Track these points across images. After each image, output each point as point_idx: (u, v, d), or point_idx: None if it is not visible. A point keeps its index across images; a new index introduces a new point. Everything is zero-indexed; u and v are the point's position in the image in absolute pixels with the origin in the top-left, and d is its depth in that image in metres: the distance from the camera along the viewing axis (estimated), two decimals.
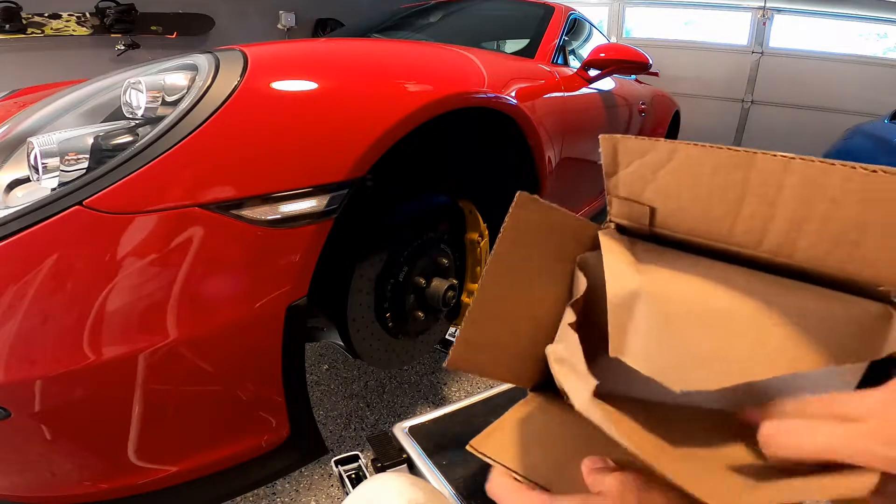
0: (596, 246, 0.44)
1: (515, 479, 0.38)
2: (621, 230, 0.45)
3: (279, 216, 0.62)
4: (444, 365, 0.45)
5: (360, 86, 0.74)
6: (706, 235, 0.37)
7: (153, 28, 3.15)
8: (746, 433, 0.31)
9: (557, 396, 0.46)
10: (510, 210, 0.41)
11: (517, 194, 0.41)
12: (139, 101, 0.63)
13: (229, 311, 0.61)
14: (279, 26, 3.92)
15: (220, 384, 0.64)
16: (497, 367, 0.46)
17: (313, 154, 0.65)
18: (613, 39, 4.97)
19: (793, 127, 4.96)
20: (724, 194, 0.34)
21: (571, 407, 0.33)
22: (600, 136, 0.42)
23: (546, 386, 0.47)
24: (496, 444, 0.44)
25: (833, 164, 0.27)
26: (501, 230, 0.41)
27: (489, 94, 0.95)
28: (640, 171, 0.40)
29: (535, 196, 0.41)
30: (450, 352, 0.44)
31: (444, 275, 1.00)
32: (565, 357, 0.36)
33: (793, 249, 0.31)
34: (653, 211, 0.40)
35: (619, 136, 0.41)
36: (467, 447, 0.45)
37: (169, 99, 0.63)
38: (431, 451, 0.57)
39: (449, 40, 1.57)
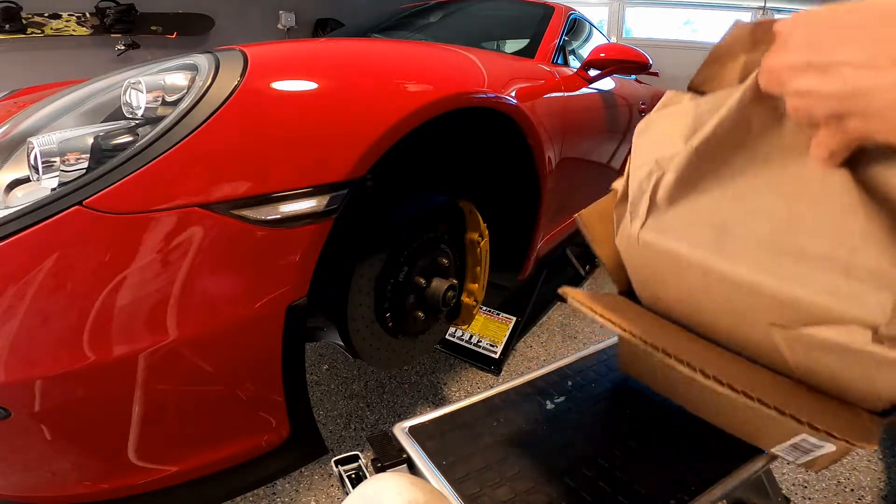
0: None
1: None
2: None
3: (279, 216, 0.62)
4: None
5: (361, 86, 0.74)
6: None
7: (153, 28, 3.15)
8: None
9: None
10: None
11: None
12: (139, 101, 0.63)
13: (229, 311, 0.61)
14: (279, 26, 3.92)
15: (220, 384, 0.64)
16: None
17: (313, 154, 0.65)
18: (613, 39, 4.97)
19: None
20: None
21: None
22: None
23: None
24: (592, 298, 0.50)
25: None
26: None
27: (489, 94, 0.95)
28: None
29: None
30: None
31: (444, 275, 1.00)
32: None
33: None
34: None
35: None
36: (559, 290, 0.51)
37: (169, 99, 0.63)
38: (431, 451, 0.57)
39: (449, 40, 1.57)
